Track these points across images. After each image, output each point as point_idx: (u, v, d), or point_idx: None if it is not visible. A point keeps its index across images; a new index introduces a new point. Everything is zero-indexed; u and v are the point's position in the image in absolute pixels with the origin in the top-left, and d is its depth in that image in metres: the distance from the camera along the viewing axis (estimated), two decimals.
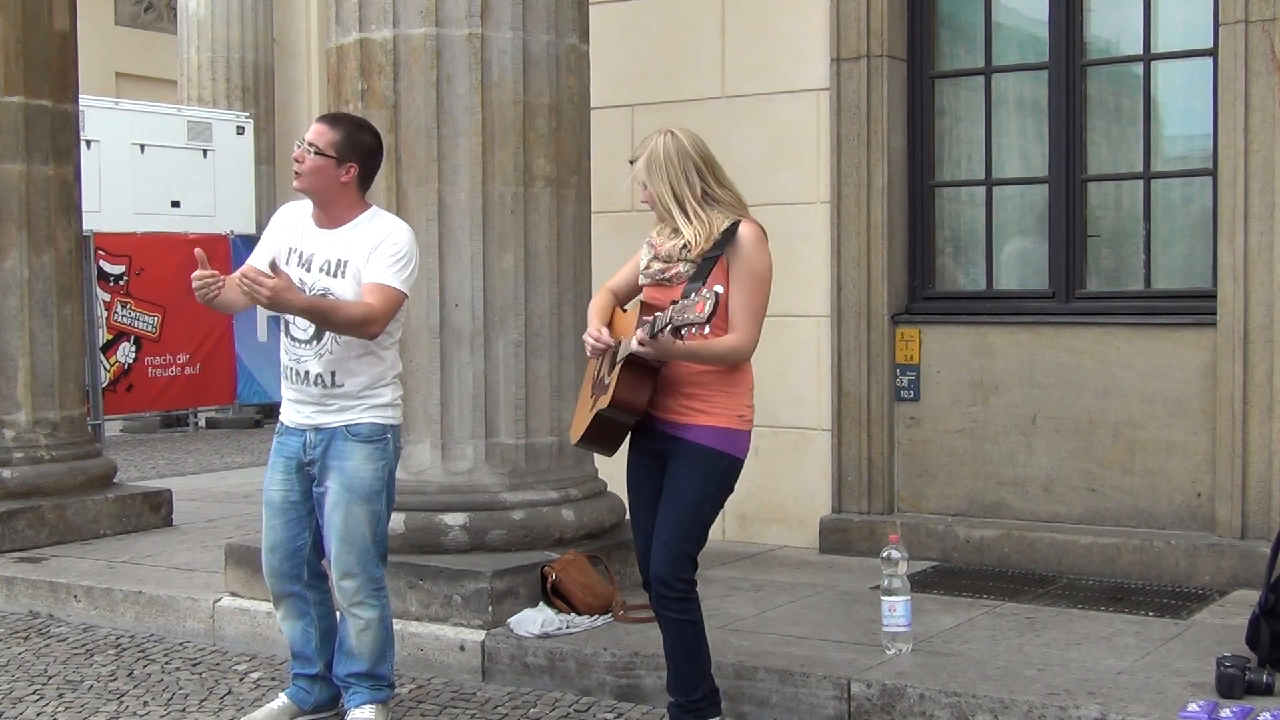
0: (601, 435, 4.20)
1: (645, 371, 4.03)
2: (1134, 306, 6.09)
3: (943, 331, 6.41)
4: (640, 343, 3.89)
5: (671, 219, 4.13)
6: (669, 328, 3.80)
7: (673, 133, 4.17)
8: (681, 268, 4.08)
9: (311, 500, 4.43)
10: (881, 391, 6.46)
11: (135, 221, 13.51)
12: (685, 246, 4.08)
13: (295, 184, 4.33)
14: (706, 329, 3.75)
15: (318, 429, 4.36)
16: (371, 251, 4.29)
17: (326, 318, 4.24)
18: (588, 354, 4.22)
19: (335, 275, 4.32)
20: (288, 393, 4.45)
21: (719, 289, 3.75)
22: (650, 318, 3.91)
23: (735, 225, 4.07)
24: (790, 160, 6.65)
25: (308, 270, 4.35)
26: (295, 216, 4.47)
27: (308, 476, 4.42)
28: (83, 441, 7.48)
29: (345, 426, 4.33)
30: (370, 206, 4.45)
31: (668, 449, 4.11)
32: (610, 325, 4.24)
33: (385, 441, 4.38)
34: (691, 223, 4.09)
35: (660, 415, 4.10)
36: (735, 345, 4.02)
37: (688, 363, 4.03)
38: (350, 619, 4.42)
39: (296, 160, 4.31)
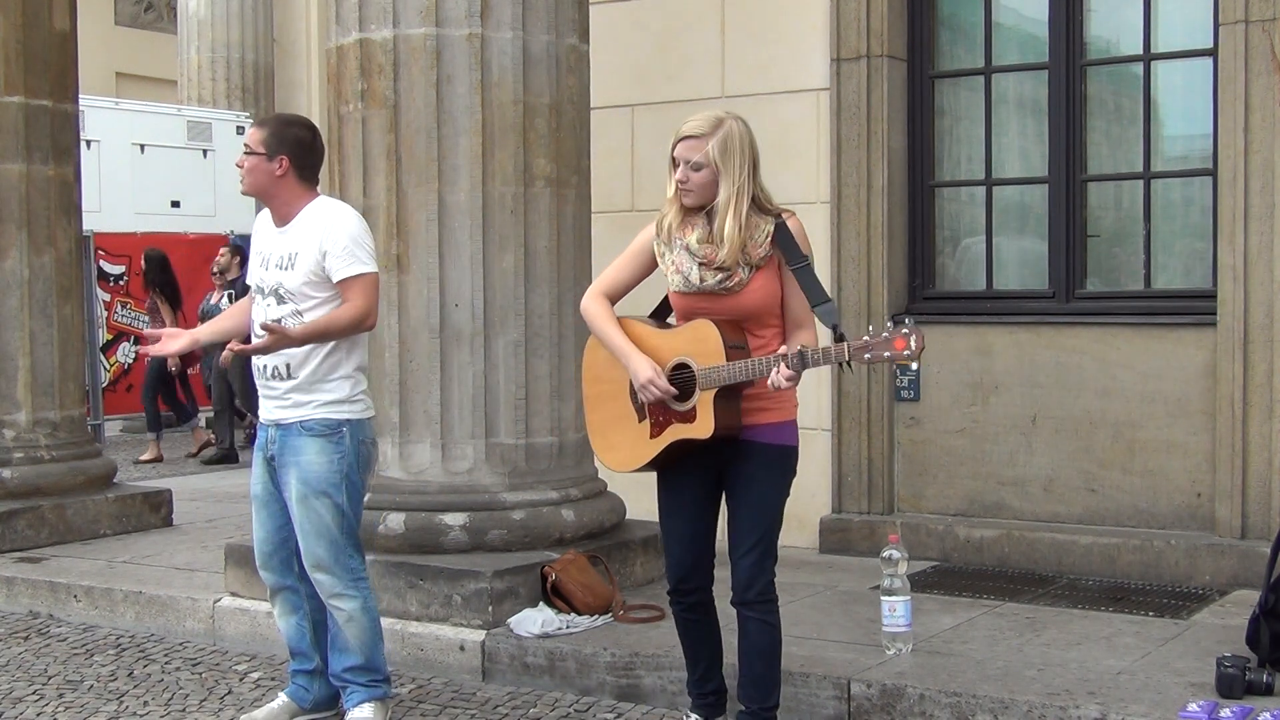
0: (668, 458, 4.05)
1: (735, 392, 3.93)
2: (1134, 306, 6.09)
3: (943, 331, 6.40)
4: (787, 379, 3.76)
5: (727, 216, 3.88)
6: (846, 361, 3.72)
7: (741, 119, 3.96)
8: (743, 273, 3.92)
9: None
10: (881, 391, 6.46)
11: (135, 221, 13.50)
12: (744, 247, 3.88)
13: (240, 188, 4.47)
14: (915, 366, 3.70)
15: (277, 425, 4.45)
16: (320, 249, 4.35)
17: (327, 334, 4.36)
18: (646, 400, 3.97)
19: (285, 269, 4.40)
20: (259, 388, 4.55)
21: (910, 320, 3.66)
22: (801, 349, 3.76)
23: (782, 221, 3.94)
24: (790, 160, 6.65)
25: (266, 269, 4.47)
26: (264, 222, 4.59)
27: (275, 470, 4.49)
28: (83, 441, 7.49)
29: (299, 423, 4.40)
30: (317, 198, 4.52)
31: (730, 453, 4.01)
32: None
33: (340, 435, 4.40)
34: (750, 223, 3.90)
35: None
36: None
37: None
38: (334, 612, 4.45)
39: (238, 165, 4.45)
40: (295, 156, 4.42)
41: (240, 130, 14.79)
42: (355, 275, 4.34)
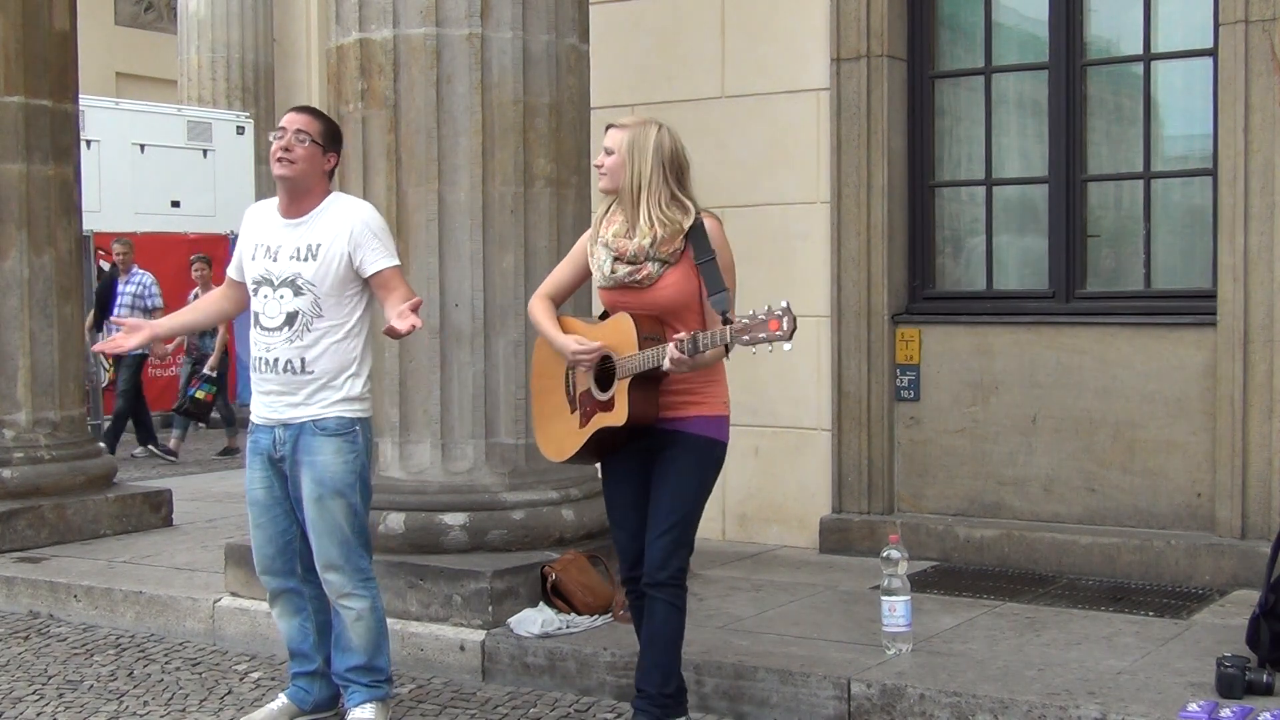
0: (598, 447, 4.19)
1: (652, 382, 4.03)
2: (1134, 306, 6.09)
3: (943, 331, 6.41)
4: (675, 361, 3.86)
5: (634, 210, 4.08)
6: (725, 346, 3.83)
7: (666, 128, 4.15)
8: (652, 268, 4.07)
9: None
10: (881, 391, 6.46)
11: (135, 221, 13.52)
12: (653, 243, 4.03)
13: (282, 172, 4.36)
14: (787, 346, 3.76)
15: (285, 424, 4.39)
16: (350, 242, 4.36)
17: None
18: (581, 369, 4.16)
19: (305, 260, 4.37)
20: (257, 386, 4.48)
21: (787, 303, 3.75)
22: (687, 335, 3.88)
23: (700, 222, 4.07)
24: (790, 160, 6.65)
25: (274, 260, 4.41)
26: (260, 215, 4.56)
27: (282, 472, 4.45)
28: (83, 441, 7.49)
29: (313, 421, 4.36)
30: (333, 193, 4.53)
31: (659, 444, 4.12)
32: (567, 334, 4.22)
33: (354, 434, 4.40)
34: (655, 219, 4.05)
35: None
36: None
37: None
38: (342, 611, 4.44)
39: (286, 149, 4.34)
40: (339, 156, 4.53)
41: (240, 130, 14.83)
42: (390, 267, 4.39)
